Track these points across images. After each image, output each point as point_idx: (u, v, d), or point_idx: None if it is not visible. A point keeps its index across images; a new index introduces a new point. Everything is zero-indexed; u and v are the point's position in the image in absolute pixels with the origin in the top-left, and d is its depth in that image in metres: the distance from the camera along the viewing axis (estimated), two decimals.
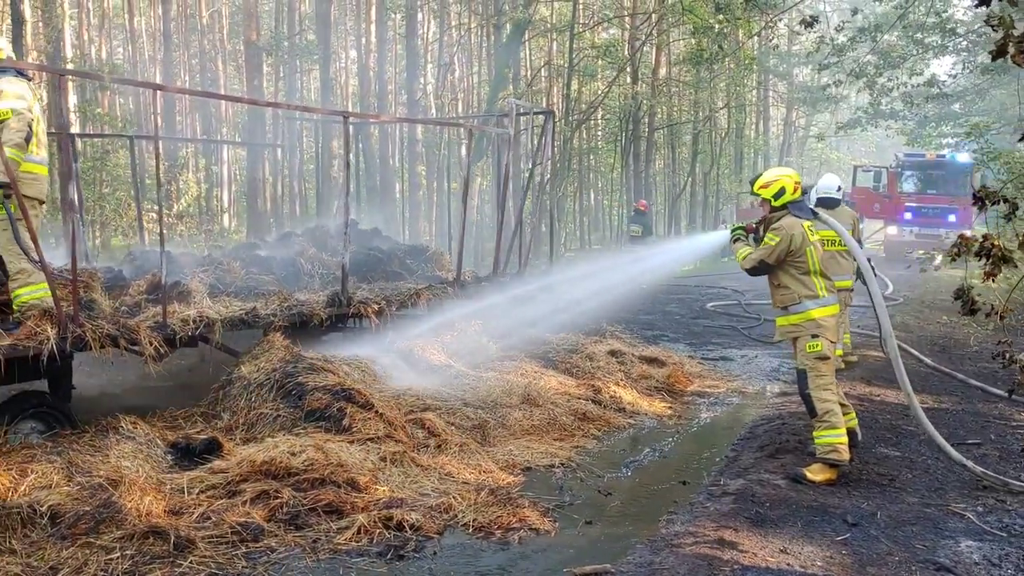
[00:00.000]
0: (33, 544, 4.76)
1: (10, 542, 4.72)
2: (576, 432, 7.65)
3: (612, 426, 7.98)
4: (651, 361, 10.43)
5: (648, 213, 23.57)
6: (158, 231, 13.90)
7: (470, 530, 5.29)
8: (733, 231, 6.86)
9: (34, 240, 5.87)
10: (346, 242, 8.47)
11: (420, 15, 26.71)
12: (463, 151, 31.54)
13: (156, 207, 18.62)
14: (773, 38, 24.91)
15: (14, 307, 6.21)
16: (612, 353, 10.43)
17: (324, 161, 17.28)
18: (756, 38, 29.60)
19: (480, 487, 5.89)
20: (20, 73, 6.24)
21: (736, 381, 10.20)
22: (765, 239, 6.36)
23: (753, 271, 6.43)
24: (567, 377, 9.22)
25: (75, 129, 18.15)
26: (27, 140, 6.03)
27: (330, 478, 5.72)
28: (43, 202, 6.44)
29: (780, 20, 20.48)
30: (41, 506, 4.99)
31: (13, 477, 5.34)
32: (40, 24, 18.92)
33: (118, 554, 4.65)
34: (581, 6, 33.32)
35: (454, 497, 5.66)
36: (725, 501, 5.71)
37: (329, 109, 17.46)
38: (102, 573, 4.48)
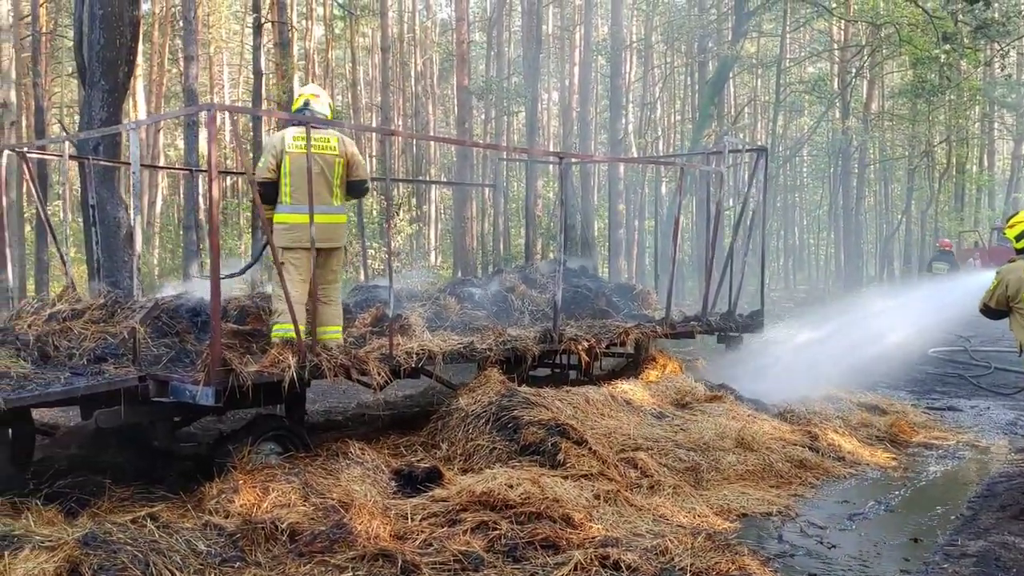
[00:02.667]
0: (275, 559, 5.07)
1: (256, 555, 5.06)
2: (793, 480, 7.35)
3: (831, 475, 7.62)
4: (871, 408, 9.92)
5: (951, 252, 22.56)
6: (376, 267, 14.78)
7: (687, 575, 5.18)
8: None
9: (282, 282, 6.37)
10: (558, 279, 8.61)
11: (625, 55, 26.92)
12: (662, 189, 31.47)
13: (376, 244, 19.73)
14: (1004, 67, 23.22)
15: (271, 339, 6.75)
16: (828, 398, 10.00)
17: (530, 200, 17.68)
18: (982, 67, 27.79)
19: (696, 531, 5.75)
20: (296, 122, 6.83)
21: (967, 434, 9.50)
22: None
23: (984, 314, 6.13)
24: (781, 422, 8.89)
25: None
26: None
27: (546, 512, 5.76)
28: (306, 249, 6.68)
29: (1013, 48, 19.11)
30: (282, 523, 5.32)
31: (257, 494, 5.74)
32: (275, 76, 20.58)
33: (350, 574, 4.88)
34: (788, 40, 32.52)
35: (670, 540, 5.55)
36: (965, 564, 5.30)
37: (544, 150, 17.86)
38: None
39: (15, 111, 19.38)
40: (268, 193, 6.69)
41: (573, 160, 15.40)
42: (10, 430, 6.29)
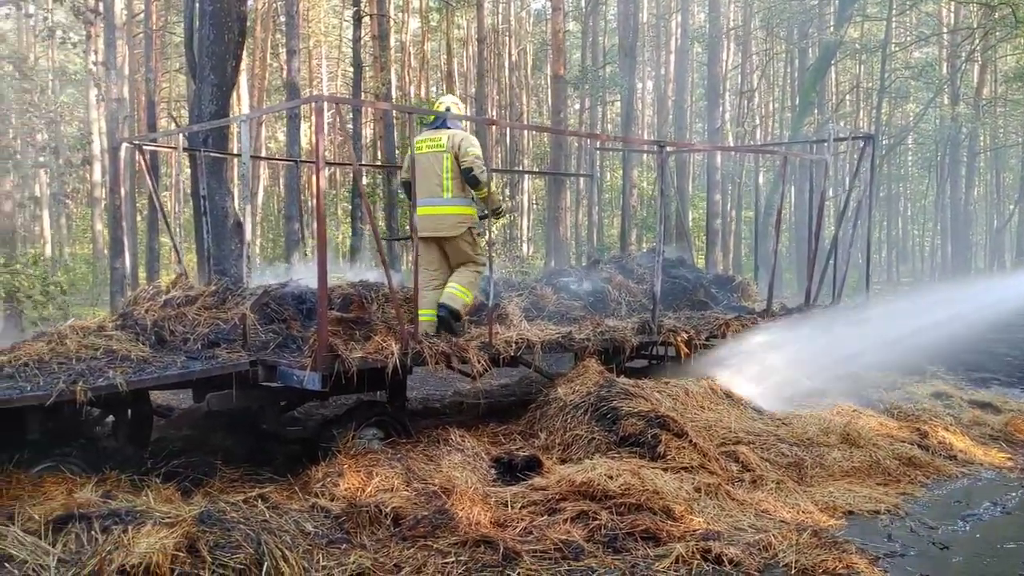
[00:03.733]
0: (379, 542, 5.17)
1: (361, 537, 5.18)
2: (901, 478, 7.11)
3: (942, 474, 7.34)
4: (983, 406, 9.53)
5: None
6: None
7: (792, 571, 5.06)
8: None
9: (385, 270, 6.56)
10: (657, 269, 8.52)
11: (722, 42, 26.42)
12: (759, 179, 30.83)
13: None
14: None
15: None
16: (936, 395, 9.67)
17: (626, 190, 17.52)
18: None
19: (800, 527, 5.63)
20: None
21: None
22: None
23: None
24: (888, 418, 8.62)
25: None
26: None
27: (646, 504, 5.73)
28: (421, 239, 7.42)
29: None
30: (385, 507, 5.43)
31: (361, 479, 5.87)
32: (372, 68, 20.92)
33: (453, 559, 4.93)
34: (894, 24, 31.40)
35: (773, 535, 5.45)
36: None
37: (645, 139, 17.67)
38: (438, 575, 4.79)
39: (128, 106, 20.21)
40: (408, 193, 7.60)
41: (673, 149, 15.19)
42: (129, 411, 6.57)
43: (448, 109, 7.63)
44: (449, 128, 7.36)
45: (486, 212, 7.62)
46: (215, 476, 6.22)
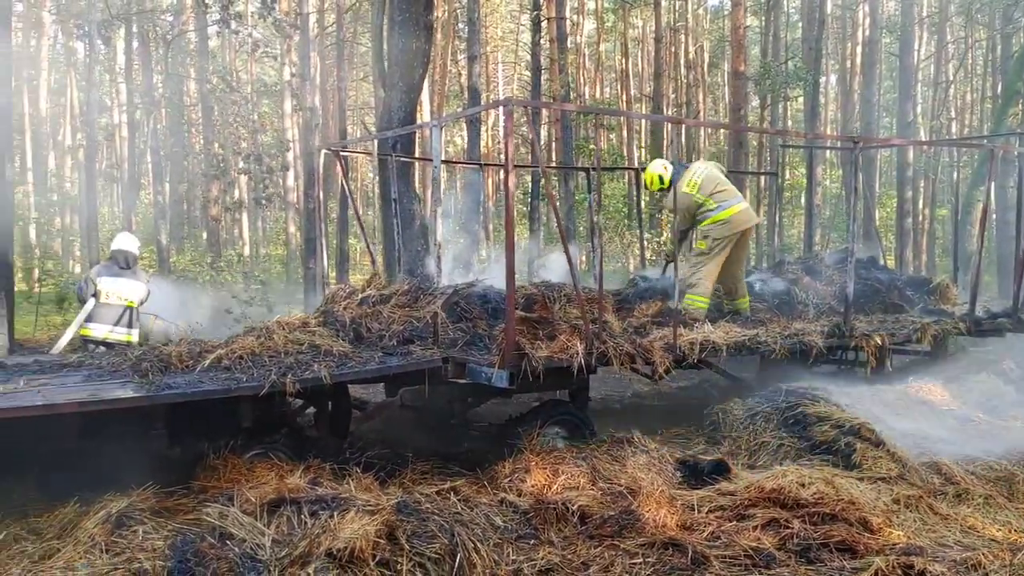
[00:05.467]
0: (566, 539, 5.23)
1: (548, 534, 5.26)
2: None
3: None
4: None
5: None
6: (644, 255, 14.83)
7: None
8: None
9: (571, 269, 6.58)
10: (850, 271, 8.18)
11: (914, 31, 24.98)
12: (955, 175, 28.92)
13: (645, 234, 19.74)
14: None
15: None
16: None
17: (811, 189, 16.89)
18: None
19: (1014, 548, 5.25)
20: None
21: None
22: None
23: None
24: None
25: (583, 163, 19.91)
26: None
27: (840, 514, 5.51)
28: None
29: None
30: (572, 505, 5.48)
31: (547, 476, 5.96)
32: (551, 71, 21.14)
33: (640, 560, 4.92)
34: None
35: (983, 554, 5.11)
36: None
37: (837, 135, 16.98)
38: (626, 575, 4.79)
39: (320, 114, 21.32)
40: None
41: (869, 145, 14.50)
42: (330, 403, 6.95)
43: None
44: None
45: None
46: (407, 468, 6.48)
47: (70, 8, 24.27)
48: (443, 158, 7.37)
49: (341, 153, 9.90)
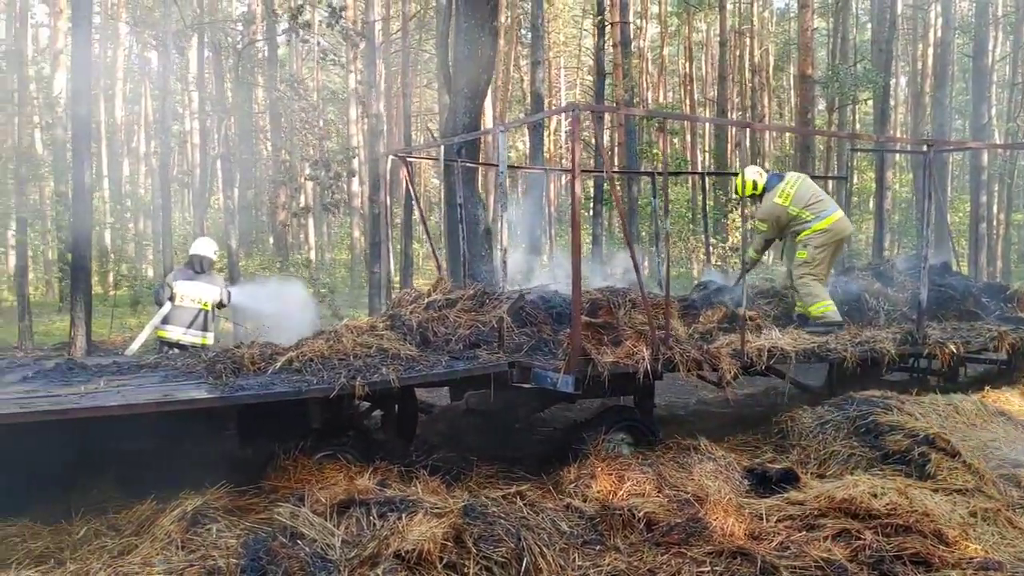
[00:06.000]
0: (632, 546, 5.20)
1: (615, 540, 5.23)
2: None
3: None
4: None
5: None
6: (709, 261, 14.68)
7: None
8: None
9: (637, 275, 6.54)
10: (923, 277, 8.00)
11: (989, 32, 24.31)
12: None
13: (710, 238, 19.55)
14: None
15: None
16: None
17: (881, 193, 16.53)
18: None
19: None
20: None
21: None
22: None
23: None
24: None
25: (646, 168, 19.84)
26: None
27: (915, 526, 5.38)
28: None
29: None
30: (638, 511, 5.44)
31: (613, 482, 5.93)
32: (612, 75, 21.10)
33: (708, 569, 4.87)
34: None
35: None
36: None
37: (910, 139, 16.63)
38: None
39: (384, 120, 21.60)
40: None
41: (944, 148, 14.13)
42: (397, 406, 7.03)
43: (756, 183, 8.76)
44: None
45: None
46: (472, 471, 6.51)
47: (146, 20, 25.00)
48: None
49: (409, 159, 10.02)
